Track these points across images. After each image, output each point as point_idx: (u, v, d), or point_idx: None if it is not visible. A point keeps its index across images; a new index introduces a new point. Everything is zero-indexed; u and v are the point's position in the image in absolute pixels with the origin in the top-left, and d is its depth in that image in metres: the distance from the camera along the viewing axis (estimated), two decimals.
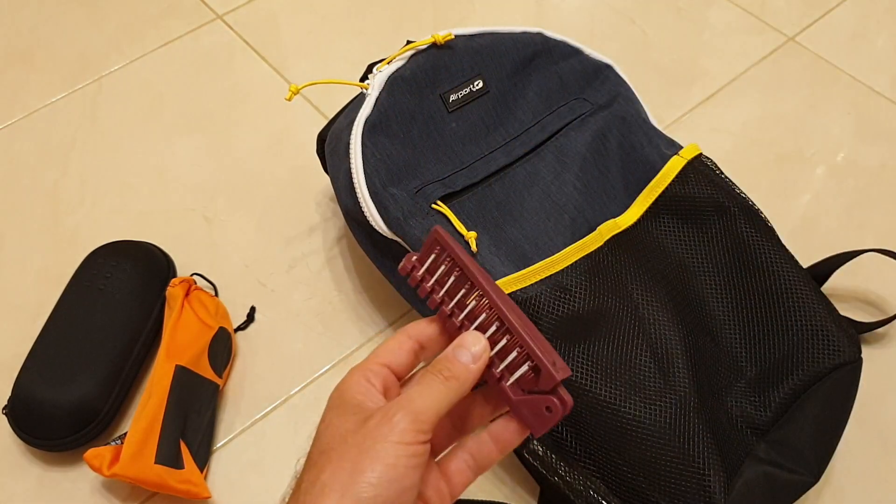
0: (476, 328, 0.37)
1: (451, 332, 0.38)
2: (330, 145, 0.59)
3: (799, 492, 0.51)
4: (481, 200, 0.57)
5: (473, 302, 0.37)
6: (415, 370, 0.39)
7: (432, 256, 0.38)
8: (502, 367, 0.36)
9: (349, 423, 0.35)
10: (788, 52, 0.84)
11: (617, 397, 0.50)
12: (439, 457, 0.39)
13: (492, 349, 0.37)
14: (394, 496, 0.33)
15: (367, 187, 0.54)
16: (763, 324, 0.55)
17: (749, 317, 0.56)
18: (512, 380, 0.36)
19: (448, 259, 0.37)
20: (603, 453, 0.50)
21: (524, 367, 0.36)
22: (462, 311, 0.37)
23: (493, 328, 0.36)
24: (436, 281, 0.38)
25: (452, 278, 0.37)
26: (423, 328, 0.38)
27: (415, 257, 0.38)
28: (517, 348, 0.36)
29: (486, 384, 0.38)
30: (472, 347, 0.36)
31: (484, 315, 0.36)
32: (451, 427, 0.40)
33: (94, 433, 0.56)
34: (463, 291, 0.37)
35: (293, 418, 0.59)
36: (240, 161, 0.75)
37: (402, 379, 0.38)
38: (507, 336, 0.36)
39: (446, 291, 0.37)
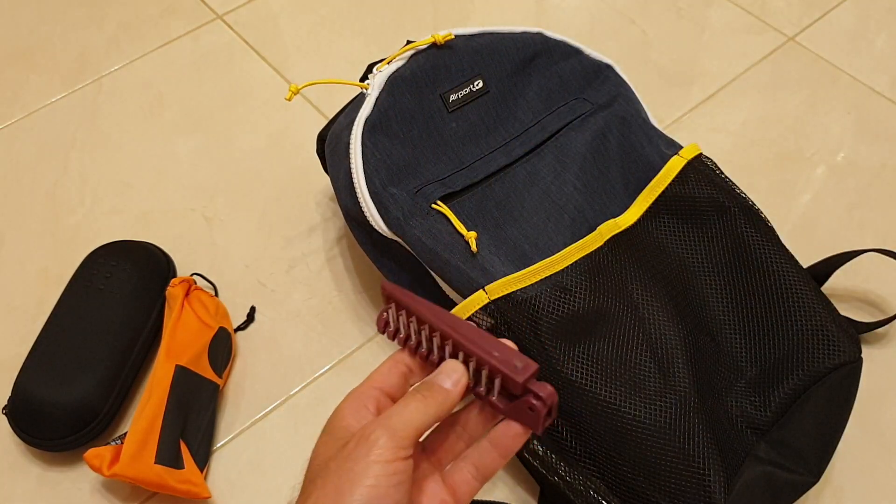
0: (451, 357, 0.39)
1: (432, 366, 0.39)
2: (330, 145, 0.59)
3: (799, 492, 0.51)
4: (481, 200, 0.57)
5: (437, 338, 0.38)
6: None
7: (391, 309, 0.39)
8: (484, 384, 0.38)
9: (332, 449, 0.35)
10: (788, 52, 0.84)
11: (617, 397, 0.50)
12: (444, 470, 0.39)
13: (469, 372, 0.38)
14: None
15: (367, 187, 0.54)
16: (763, 324, 0.55)
17: (749, 317, 0.56)
18: (496, 393, 0.37)
19: (402, 309, 0.39)
20: (603, 453, 0.50)
21: (497, 380, 0.37)
22: (433, 349, 0.39)
23: (462, 355, 0.38)
24: (405, 329, 0.39)
25: (414, 324, 0.39)
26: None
27: (385, 313, 0.40)
28: (484, 366, 0.37)
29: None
30: (452, 375, 0.37)
31: (450, 346, 0.38)
32: (456, 438, 0.40)
33: (94, 433, 0.56)
34: (426, 332, 0.39)
35: (293, 418, 0.59)
36: (240, 161, 0.75)
37: (396, 401, 0.39)
38: (472, 358, 0.38)
39: (416, 336, 0.39)
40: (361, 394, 0.37)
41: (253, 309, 0.65)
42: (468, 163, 0.57)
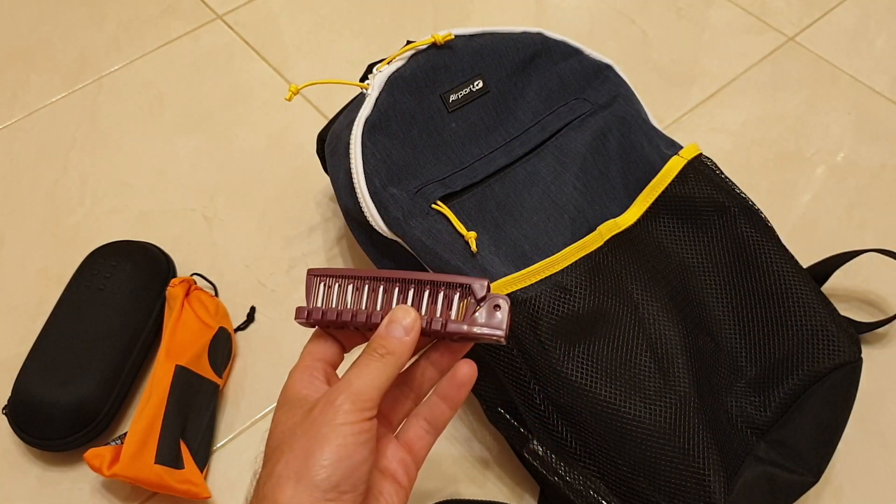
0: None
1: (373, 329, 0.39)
2: (330, 145, 0.59)
3: (799, 492, 0.51)
4: (481, 200, 0.57)
5: (383, 293, 0.39)
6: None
7: (321, 290, 0.39)
8: (439, 316, 0.38)
9: (296, 416, 0.36)
10: (788, 52, 0.84)
11: (617, 397, 0.50)
12: (397, 430, 0.41)
13: (420, 310, 0.39)
14: (347, 473, 0.34)
15: (367, 187, 0.54)
16: (763, 324, 0.55)
17: (749, 317, 0.56)
18: (454, 314, 0.38)
19: (332, 280, 0.39)
20: (603, 453, 0.50)
21: (456, 298, 0.38)
22: (375, 309, 0.39)
23: (410, 296, 0.38)
24: (337, 309, 0.39)
25: (349, 293, 0.39)
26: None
27: (303, 308, 0.40)
28: (440, 292, 0.38)
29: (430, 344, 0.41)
30: (404, 320, 0.38)
31: (396, 294, 0.38)
32: (403, 398, 0.42)
33: (94, 433, 0.56)
34: (367, 293, 0.39)
35: None
36: (240, 161, 0.75)
37: (337, 367, 0.41)
38: (426, 290, 0.38)
39: (352, 307, 0.39)
40: (307, 367, 0.39)
41: (253, 309, 0.65)
42: (468, 163, 0.57)
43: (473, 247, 0.53)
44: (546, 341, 0.50)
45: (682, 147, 0.61)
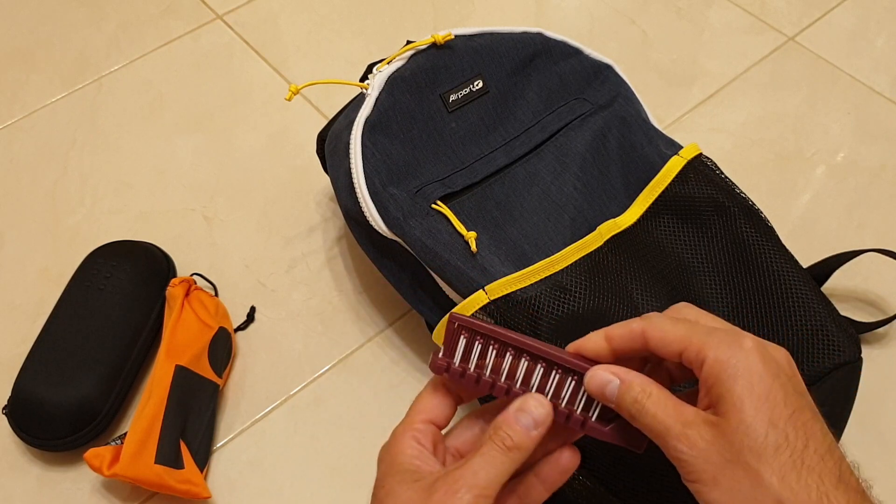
0: (538, 387, 0.37)
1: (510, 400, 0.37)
2: (330, 145, 0.59)
3: None
4: (481, 200, 0.57)
5: (525, 364, 0.36)
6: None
7: (461, 342, 0.37)
8: (580, 409, 0.37)
9: (412, 493, 0.35)
10: (788, 52, 0.84)
11: None
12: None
13: (561, 396, 0.37)
14: None
15: (367, 187, 0.54)
16: (763, 324, 0.55)
17: (749, 317, 0.56)
18: (595, 415, 0.37)
19: (475, 335, 0.37)
20: (602, 453, 0.50)
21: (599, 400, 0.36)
22: (515, 380, 0.37)
23: (556, 377, 0.36)
24: (476, 365, 0.37)
25: (490, 354, 0.36)
26: None
27: (441, 353, 0.38)
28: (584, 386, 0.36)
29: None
30: (535, 411, 0.36)
31: (540, 371, 0.36)
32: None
33: (94, 433, 0.56)
34: (509, 360, 0.36)
35: (293, 418, 0.59)
36: (240, 161, 0.75)
37: (444, 428, 0.39)
38: (573, 379, 0.36)
39: (491, 369, 0.37)
40: (415, 430, 0.37)
41: (253, 309, 0.65)
42: (468, 163, 0.57)
43: (473, 247, 0.53)
44: (546, 341, 0.50)
45: (682, 147, 0.61)
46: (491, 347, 0.37)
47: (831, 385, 0.54)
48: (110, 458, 0.52)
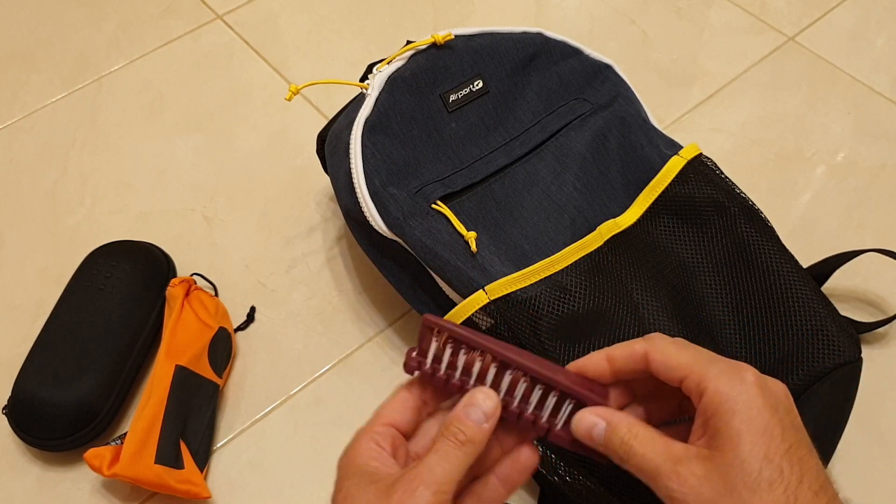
0: (506, 392, 0.37)
1: None
2: (330, 145, 0.59)
3: None
4: (481, 200, 0.57)
5: (495, 368, 0.37)
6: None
7: (433, 344, 0.37)
8: (546, 415, 0.37)
9: (370, 494, 0.35)
10: (788, 52, 0.84)
11: None
12: None
13: (528, 402, 0.37)
14: None
15: (367, 187, 0.54)
16: (763, 324, 0.55)
17: (749, 317, 0.56)
18: (561, 423, 0.37)
19: (447, 337, 0.37)
20: None
21: (567, 408, 0.36)
22: (484, 384, 0.37)
23: (524, 383, 0.36)
24: (447, 366, 0.37)
25: (464, 356, 0.37)
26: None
27: (415, 353, 0.38)
28: (552, 393, 0.36)
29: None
30: (483, 404, 0.36)
31: (508, 376, 0.36)
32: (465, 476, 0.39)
33: (94, 433, 0.56)
34: (479, 364, 0.37)
35: (293, 418, 0.59)
36: (240, 161, 0.75)
37: (409, 436, 0.39)
38: (538, 386, 0.36)
39: (462, 371, 0.37)
40: (375, 433, 0.37)
41: (253, 309, 0.65)
42: (468, 163, 0.57)
43: (473, 247, 0.53)
44: (546, 341, 0.50)
45: (682, 147, 0.61)
46: (463, 351, 0.37)
47: (831, 385, 0.54)
48: (110, 458, 0.52)
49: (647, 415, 0.40)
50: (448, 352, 0.37)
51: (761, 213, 0.58)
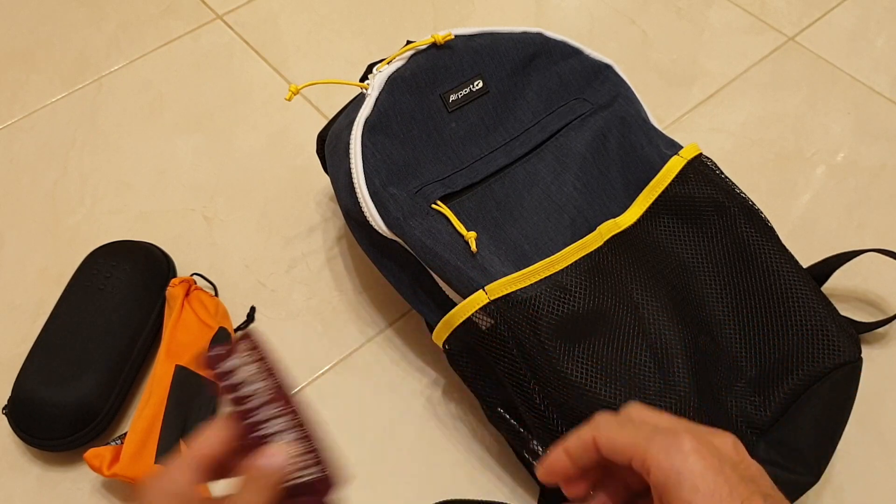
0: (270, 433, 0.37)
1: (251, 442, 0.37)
2: (330, 145, 0.59)
3: (799, 492, 0.51)
4: (481, 200, 0.57)
5: (277, 408, 0.37)
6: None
7: (246, 355, 0.37)
8: (277, 462, 0.36)
9: None
10: (788, 52, 0.84)
11: (617, 397, 0.49)
12: None
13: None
14: None
15: (367, 187, 0.54)
16: (763, 323, 0.55)
17: (749, 317, 0.56)
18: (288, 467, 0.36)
19: (254, 362, 0.37)
20: None
21: (297, 470, 0.36)
22: (264, 419, 0.37)
23: (291, 433, 0.37)
24: (240, 379, 0.37)
25: (258, 384, 0.37)
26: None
27: (217, 351, 0.38)
28: (297, 448, 0.36)
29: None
30: (280, 461, 0.36)
31: (284, 421, 0.37)
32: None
33: (94, 433, 0.56)
34: (267, 397, 0.37)
35: None
36: (240, 161, 0.75)
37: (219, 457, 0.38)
38: (299, 443, 0.37)
39: (248, 391, 0.37)
40: (184, 458, 0.36)
41: (253, 309, 0.65)
42: (468, 163, 0.57)
43: (473, 247, 0.53)
44: (546, 341, 0.50)
45: (682, 147, 0.61)
46: (262, 383, 0.37)
47: (831, 385, 0.54)
48: (110, 458, 0.52)
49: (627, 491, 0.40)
50: (251, 369, 0.37)
51: (761, 213, 0.58)
